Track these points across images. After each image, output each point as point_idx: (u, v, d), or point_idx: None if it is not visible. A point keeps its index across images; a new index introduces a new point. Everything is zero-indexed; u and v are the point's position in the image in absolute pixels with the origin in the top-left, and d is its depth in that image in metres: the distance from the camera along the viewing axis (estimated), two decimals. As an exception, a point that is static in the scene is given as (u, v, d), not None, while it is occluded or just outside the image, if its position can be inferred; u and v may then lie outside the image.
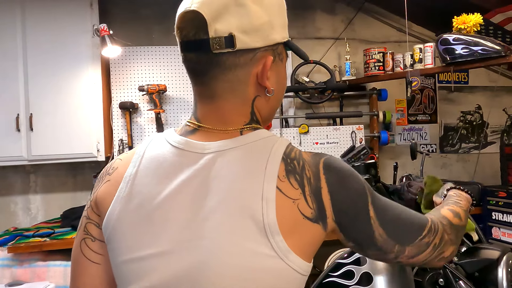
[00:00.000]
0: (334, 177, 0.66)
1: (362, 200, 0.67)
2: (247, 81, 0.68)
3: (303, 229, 0.64)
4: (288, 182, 0.64)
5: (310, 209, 0.64)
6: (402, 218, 0.70)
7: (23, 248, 2.36)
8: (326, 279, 1.22)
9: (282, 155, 0.66)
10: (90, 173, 2.99)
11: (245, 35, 0.64)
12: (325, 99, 3.12)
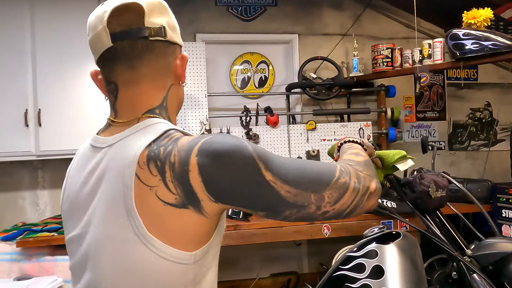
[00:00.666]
0: (209, 158, 0.65)
1: (250, 170, 0.65)
2: (170, 69, 0.79)
3: (166, 216, 0.65)
4: (147, 169, 0.66)
5: (172, 195, 0.65)
6: (308, 169, 0.70)
7: (31, 243, 2.37)
8: (336, 273, 1.21)
9: (150, 142, 0.69)
10: (98, 169, 3.00)
11: (170, 31, 0.77)
12: (332, 96, 3.10)
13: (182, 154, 0.66)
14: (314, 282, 3.05)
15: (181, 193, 0.65)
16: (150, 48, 0.75)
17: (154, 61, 0.76)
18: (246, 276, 3.13)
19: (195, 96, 2.94)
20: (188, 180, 0.65)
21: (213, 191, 0.65)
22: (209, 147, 0.66)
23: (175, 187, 0.65)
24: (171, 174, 0.65)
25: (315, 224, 2.58)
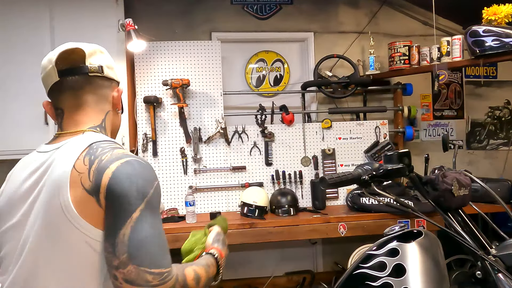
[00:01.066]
0: (128, 168, 0.84)
1: (136, 201, 0.82)
2: (108, 99, 1.03)
3: (85, 200, 0.83)
4: (82, 160, 0.86)
5: (89, 182, 0.83)
6: (153, 246, 0.82)
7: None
8: (357, 271, 1.20)
9: (92, 143, 0.89)
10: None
11: (107, 69, 1.02)
12: (348, 94, 3.08)
13: (112, 158, 0.85)
14: (329, 281, 3.04)
15: (94, 182, 0.83)
16: (89, 81, 0.98)
17: (93, 91, 0.99)
18: (261, 275, 3.13)
19: (211, 95, 2.96)
20: (103, 174, 0.83)
21: (109, 192, 0.82)
22: (132, 164, 0.86)
23: (92, 176, 0.83)
24: (96, 166, 0.84)
25: (331, 223, 2.57)
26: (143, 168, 0.87)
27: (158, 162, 2.90)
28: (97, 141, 0.90)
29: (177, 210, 2.83)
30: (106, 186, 0.82)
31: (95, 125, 0.98)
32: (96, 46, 1.03)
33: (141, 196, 0.83)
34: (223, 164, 2.95)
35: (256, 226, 2.53)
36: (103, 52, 1.04)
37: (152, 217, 0.84)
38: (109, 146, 0.89)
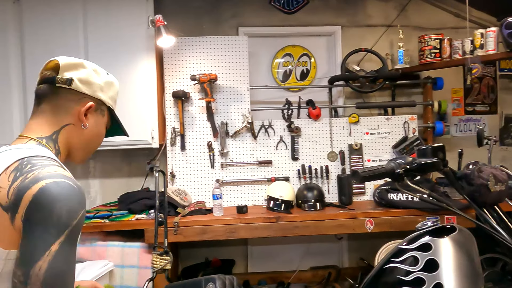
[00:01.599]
0: (53, 192, 0.80)
1: (58, 232, 0.79)
2: (69, 111, 1.00)
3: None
4: (7, 175, 0.83)
5: (6, 199, 0.81)
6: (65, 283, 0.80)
7: (85, 228, 2.50)
8: (387, 265, 1.20)
9: (24, 157, 0.85)
10: (144, 160, 3.12)
11: (80, 83, 1.01)
12: (376, 88, 3.04)
13: (38, 177, 0.81)
14: (354, 277, 3.02)
15: (12, 200, 0.80)
16: (53, 91, 0.99)
17: (54, 102, 0.99)
18: (286, 268, 3.15)
19: (238, 90, 2.98)
20: (23, 195, 0.80)
21: (27, 216, 0.79)
22: (49, 194, 0.80)
23: (12, 194, 0.81)
24: (18, 184, 0.81)
25: (358, 218, 2.56)
26: (71, 193, 0.82)
27: (186, 155, 2.95)
28: (30, 155, 0.87)
29: (204, 203, 2.88)
30: (26, 208, 0.79)
31: (42, 136, 0.97)
32: (80, 61, 1.03)
33: (63, 227, 0.80)
34: (250, 158, 2.98)
35: (282, 220, 2.54)
36: (86, 67, 1.04)
37: (69, 252, 0.82)
38: (40, 163, 0.85)
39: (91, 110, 1.03)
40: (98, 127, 1.07)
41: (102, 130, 1.10)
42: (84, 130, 1.03)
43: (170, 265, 1.85)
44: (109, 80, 1.10)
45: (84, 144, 1.05)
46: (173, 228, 2.44)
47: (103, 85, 1.07)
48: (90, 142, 1.07)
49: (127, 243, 2.55)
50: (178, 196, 2.74)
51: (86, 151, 1.08)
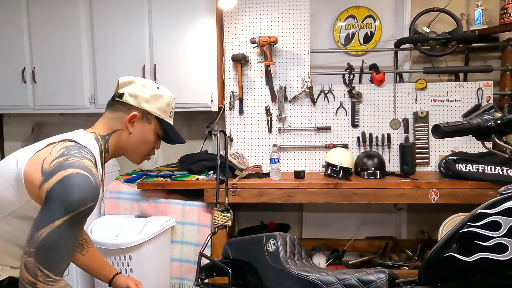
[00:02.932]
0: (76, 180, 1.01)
1: (65, 211, 0.99)
2: (120, 119, 1.23)
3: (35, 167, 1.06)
4: (60, 147, 1.09)
5: (48, 166, 1.04)
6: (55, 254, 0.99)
7: (149, 185, 2.64)
8: (464, 229, 1.12)
9: (77, 143, 1.12)
10: (203, 123, 3.18)
11: (129, 96, 1.23)
12: (448, 52, 2.81)
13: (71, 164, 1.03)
14: (413, 249, 2.93)
15: (50, 170, 1.02)
16: (113, 103, 1.25)
17: (111, 110, 1.25)
18: (340, 237, 3.12)
19: (297, 53, 2.90)
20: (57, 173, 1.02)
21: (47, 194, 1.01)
22: (72, 180, 1.01)
23: (52, 165, 1.04)
24: (59, 161, 1.04)
25: (422, 188, 2.44)
26: (89, 187, 1.01)
27: (244, 120, 2.96)
28: (81, 144, 1.12)
29: (261, 168, 2.90)
30: (54, 183, 1.00)
31: (100, 134, 1.22)
32: (133, 78, 1.25)
33: (70, 210, 0.99)
34: (308, 124, 2.93)
35: (340, 187, 2.50)
36: (136, 83, 1.24)
37: (70, 230, 1.00)
38: (82, 154, 1.08)
39: (136, 119, 1.23)
40: (144, 133, 1.25)
41: (149, 136, 1.26)
42: (130, 135, 1.23)
43: (230, 222, 1.89)
44: (157, 93, 1.26)
45: (133, 147, 1.26)
46: (232, 189, 2.49)
47: (149, 97, 1.23)
48: (138, 146, 1.26)
49: (187, 202, 2.65)
50: (236, 159, 2.78)
51: (137, 154, 1.28)
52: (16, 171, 1.08)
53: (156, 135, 1.29)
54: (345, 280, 1.32)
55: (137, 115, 1.22)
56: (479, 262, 1.09)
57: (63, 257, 1.02)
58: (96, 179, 1.05)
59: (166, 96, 1.28)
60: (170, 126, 1.30)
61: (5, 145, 3.40)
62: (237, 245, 1.63)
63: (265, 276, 1.47)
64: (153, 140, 1.28)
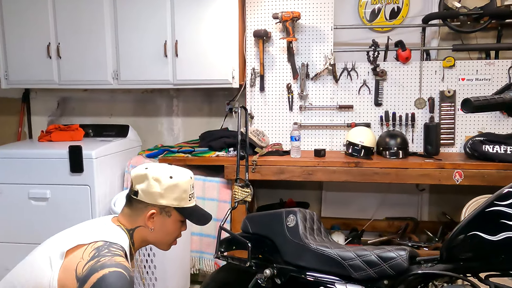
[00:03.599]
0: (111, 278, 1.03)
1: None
2: (140, 215, 1.25)
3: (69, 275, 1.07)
4: (91, 250, 1.10)
5: (81, 271, 1.06)
6: None
7: (170, 161, 2.67)
8: (491, 208, 1.09)
9: (107, 241, 1.14)
10: (223, 100, 3.18)
11: (143, 193, 1.23)
12: (479, 28, 2.68)
13: (104, 265, 1.05)
14: (434, 231, 2.89)
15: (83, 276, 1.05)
16: (129, 199, 1.28)
17: (129, 207, 1.27)
18: (360, 216, 3.11)
19: (320, 29, 2.83)
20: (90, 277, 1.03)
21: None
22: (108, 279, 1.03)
23: (85, 270, 1.06)
24: (91, 264, 1.06)
25: (446, 169, 2.39)
26: (123, 283, 1.04)
27: (265, 97, 2.94)
28: (111, 242, 1.13)
29: (281, 146, 2.89)
30: (93, 285, 1.02)
31: (125, 227, 1.24)
32: (145, 173, 1.23)
33: None
34: (330, 102, 2.88)
35: (361, 166, 2.47)
36: (148, 179, 1.23)
37: None
38: (113, 252, 1.10)
39: (156, 215, 1.24)
40: (166, 227, 1.26)
41: (171, 228, 1.27)
42: (153, 231, 1.25)
43: (250, 198, 1.91)
44: (171, 184, 1.23)
45: (157, 240, 1.28)
46: (252, 166, 2.50)
47: (163, 191, 1.22)
48: (163, 239, 1.28)
49: (207, 178, 2.68)
50: (256, 136, 2.77)
51: (163, 244, 1.30)
52: (50, 276, 1.08)
53: (179, 222, 1.29)
54: (364, 256, 1.32)
55: (155, 211, 1.23)
56: (505, 241, 1.06)
57: None
58: (129, 271, 1.08)
59: (181, 184, 1.25)
60: (190, 211, 1.28)
61: (32, 119, 3.50)
62: (256, 220, 1.64)
63: (284, 250, 1.48)
64: (176, 229, 1.29)
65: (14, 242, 2.62)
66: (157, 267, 2.39)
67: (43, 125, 3.38)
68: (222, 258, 1.65)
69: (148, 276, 2.41)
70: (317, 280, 1.35)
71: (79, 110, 3.41)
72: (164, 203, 1.22)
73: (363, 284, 1.30)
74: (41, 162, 2.57)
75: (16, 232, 2.62)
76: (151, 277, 2.41)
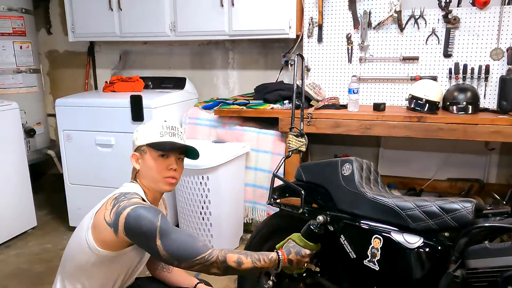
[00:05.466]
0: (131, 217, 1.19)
1: (151, 234, 1.17)
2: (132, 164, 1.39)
3: (102, 226, 1.23)
4: (110, 202, 1.26)
5: (109, 218, 1.22)
6: (184, 247, 1.18)
7: (226, 112, 2.70)
8: None
9: (121, 192, 1.30)
10: (279, 52, 3.10)
11: (132, 147, 1.40)
12: None
13: (124, 207, 1.22)
14: (502, 194, 2.69)
15: (113, 220, 1.22)
16: None
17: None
18: (419, 176, 2.97)
19: (387, -27, 2.60)
20: (119, 218, 1.21)
21: (126, 231, 1.20)
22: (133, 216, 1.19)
23: (111, 216, 1.22)
24: (115, 210, 1.23)
25: (522, 125, 2.17)
26: (146, 211, 1.20)
27: (322, 48, 2.82)
28: (125, 192, 1.29)
29: (338, 99, 2.79)
30: (123, 227, 1.19)
31: (134, 179, 1.39)
32: (134, 133, 1.39)
33: (154, 229, 1.17)
34: (393, 53, 2.70)
35: (425, 121, 2.32)
36: (137, 130, 1.39)
37: (171, 231, 1.19)
38: (128, 197, 1.25)
39: (138, 157, 1.36)
40: (146, 164, 1.34)
41: (151, 163, 1.34)
42: (140, 172, 1.36)
43: (304, 148, 1.87)
44: (142, 127, 1.38)
45: (148, 180, 1.35)
46: (307, 118, 2.45)
47: (137, 136, 1.37)
48: (151, 176, 1.35)
49: (262, 130, 2.68)
50: (312, 89, 2.70)
51: (155, 182, 1.35)
52: (85, 235, 1.26)
53: (159, 158, 1.34)
54: (425, 207, 1.26)
55: (137, 154, 1.36)
56: None
57: (189, 245, 1.19)
58: (147, 205, 1.24)
59: (149, 126, 1.37)
60: (162, 144, 1.33)
61: (97, 72, 3.68)
62: (311, 168, 1.62)
63: (338, 198, 1.45)
64: (158, 164, 1.34)
65: (84, 185, 2.85)
66: (212, 214, 2.49)
67: (107, 77, 3.54)
68: (274, 204, 1.66)
69: (204, 222, 2.52)
70: (371, 228, 1.32)
71: (139, 63, 3.52)
72: (138, 143, 1.36)
73: (421, 235, 1.24)
74: (106, 111, 2.71)
75: (86, 175, 2.84)
76: (206, 222, 2.52)
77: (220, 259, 1.19)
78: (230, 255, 1.21)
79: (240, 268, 1.20)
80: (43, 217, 3.21)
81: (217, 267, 1.19)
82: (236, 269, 1.21)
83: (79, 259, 1.28)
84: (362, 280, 1.40)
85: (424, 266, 1.22)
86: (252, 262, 1.22)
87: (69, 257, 1.33)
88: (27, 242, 2.85)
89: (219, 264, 1.19)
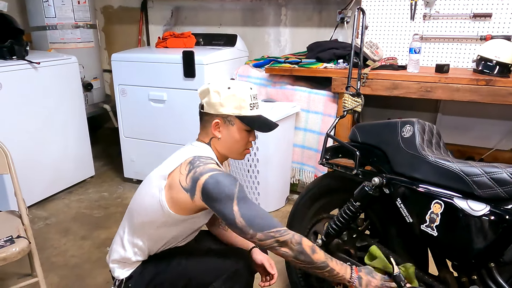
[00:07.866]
0: (209, 183, 1.19)
1: (228, 200, 1.17)
2: (209, 128, 1.34)
3: (176, 189, 1.24)
4: (185, 166, 1.25)
5: (185, 183, 1.23)
6: (260, 216, 1.19)
7: (277, 71, 2.64)
8: None
9: (195, 155, 1.27)
10: (335, 9, 2.94)
11: (207, 106, 1.32)
12: None
13: (201, 172, 1.20)
14: None
15: (190, 185, 1.21)
16: (200, 115, 1.37)
17: (201, 122, 1.36)
18: (480, 145, 2.78)
19: None
20: (196, 183, 1.20)
21: (204, 196, 1.20)
22: (212, 183, 1.18)
23: (188, 181, 1.21)
24: (191, 175, 1.22)
25: None
26: (223, 178, 1.18)
27: (383, 4, 2.63)
28: (198, 155, 1.27)
29: (396, 60, 2.63)
30: (201, 192, 1.19)
31: (206, 142, 1.35)
32: (207, 87, 1.31)
33: (232, 196, 1.17)
34: (462, 9, 2.46)
35: (494, 84, 2.13)
36: (209, 92, 1.30)
37: (247, 204, 1.18)
38: (203, 161, 1.24)
39: (220, 124, 1.31)
40: (231, 135, 1.31)
41: (237, 136, 1.31)
42: (221, 140, 1.32)
43: (360, 108, 1.80)
44: (229, 94, 1.28)
45: (227, 149, 1.34)
46: (362, 79, 2.33)
47: (223, 101, 1.28)
48: (232, 147, 1.33)
49: (313, 90, 2.60)
50: (369, 48, 2.55)
51: (234, 153, 1.35)
52: (158, 197, 1.26)
53: (244, 131, 1.31)
54: (494, 174, 1.17)
55: (219, 121, 1.30)
56: None
57: (265, 216, 1.19)
58: (223, 172, 1.21)
59: (238, 93, 1.28)
60: (252, 119, 1.30)
61: (150, 28, 3.71)
62: (367, 129, 1.55)
63: (396, 161, 1.39)
64: (242, 137, 1.32)
65: (138, 138, 2.96)
66: (260, 172, 2.50)
67: (159, 33, 3.57)
68: (327, 165, 1.62)
69: (252, 180, 2.54)
70: (431, 192, 1.25)
71: (191, 19, 3.49)
72: (225, 112, 1.29)
73: (488, 203, 1.16)
74: (159, 66, 2.75)
75: (139, 129, 2.94)
76: (254, 181, 2.54)
77: (295, 239, 1.18)
78: (305, 239, 1.19)
79: (312, 256, 1.18)
80: (100, 168, 3.41)
81: (290, 248, 1.17)
82: (308, 256, 1.18)
83: (151, 216, 1.30)
84: (416, 244, 1.36)
85: (487, 236, 1.15)
86: (325, 256, 1.20)
87: (141, 210, 1.34)
88: (87, 189, 3.05)
89: (293, 243, 1.17)
